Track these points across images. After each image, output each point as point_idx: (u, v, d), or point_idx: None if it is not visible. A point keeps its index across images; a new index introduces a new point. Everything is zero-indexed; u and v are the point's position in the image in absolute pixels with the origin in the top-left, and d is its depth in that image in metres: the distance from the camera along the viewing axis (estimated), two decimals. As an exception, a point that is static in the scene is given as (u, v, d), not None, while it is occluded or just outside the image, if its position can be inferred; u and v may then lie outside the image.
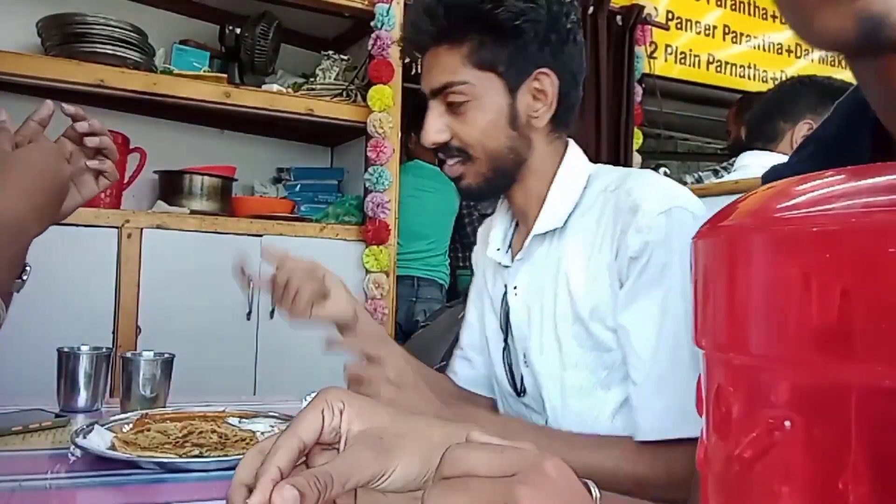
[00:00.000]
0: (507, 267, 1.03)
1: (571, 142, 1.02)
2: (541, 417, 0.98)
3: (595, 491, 0.45)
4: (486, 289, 1.09)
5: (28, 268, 1.01)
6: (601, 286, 0.90)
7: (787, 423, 0.23)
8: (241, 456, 0.86)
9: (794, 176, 0.27)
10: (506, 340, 1.03)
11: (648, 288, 0.85)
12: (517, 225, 1.06)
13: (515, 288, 1.00)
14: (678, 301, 0.84)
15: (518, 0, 0.91)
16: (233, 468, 0.83)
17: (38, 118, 0.95)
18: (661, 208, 0.86)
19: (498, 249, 1.05)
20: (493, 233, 1.06)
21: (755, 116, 1.79)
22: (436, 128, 0.95)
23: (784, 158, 1.80)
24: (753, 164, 1.69)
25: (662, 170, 3.85)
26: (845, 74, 3.30)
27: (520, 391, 1.02)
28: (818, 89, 1.66)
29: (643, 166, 3.05)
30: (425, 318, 2.50)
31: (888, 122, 0.44)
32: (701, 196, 1.54)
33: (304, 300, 0.99)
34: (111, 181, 0.99)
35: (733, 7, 3.47)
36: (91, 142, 0.96)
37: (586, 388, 0.92)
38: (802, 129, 1.62)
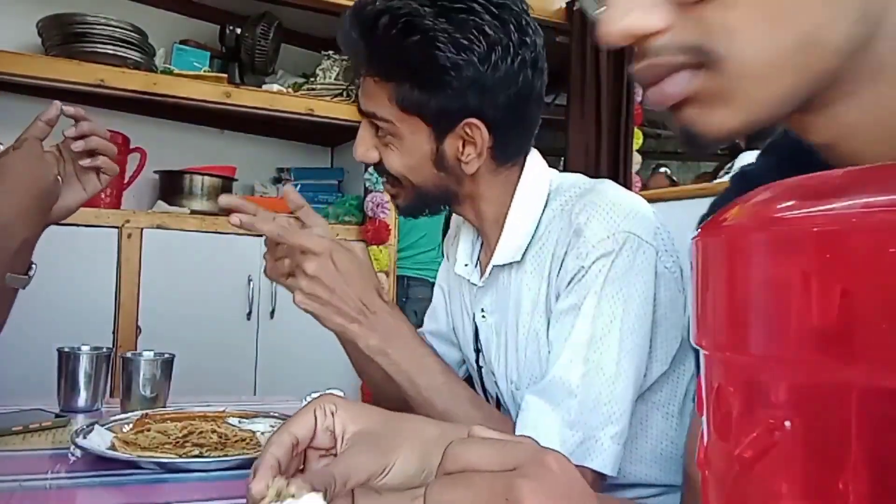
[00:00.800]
0: (473, 285, 1.00)
1: (531, 157, 0.95)
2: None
3: None
4: (461, 299, 1.06)
5: (34, 266, 1.02)
6: (544, 318, 0.89)
7: (787, 423, 0.23)
8: (241, 456, 0.86)
9: (763, 175, 0.27)
10: (478, 360, 1.02)
11: (571, 309, 0.83)
12: (482, 242, 1.01)
13: (483, 311, 0.99)
14: (591, 324, 0.82)
15: (451, 47, 0.81)
16: (233, 468, 0.84)
17: (45, 118, 0.96)
18: (604, 234, 0.83)
19: (466, 265, 1.01)
20: (460, 248, 1.02)
21: None
22: (365, 146, 0.91)
23: None
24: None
25: (663, 169, 3.86)
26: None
27: (498, 407, 1.01)
28: None
29: (643, 166, 3.05)
30: (416, 319, 2.50)
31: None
32: (701, 196, 1.54)
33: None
34: (111, 175, 1.01)
35: (733, 7, 3.47)
36: (77, 146, 0.97)
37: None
38: None
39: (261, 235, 0.94)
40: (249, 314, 2.18)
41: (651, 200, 0.98)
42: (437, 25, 0.81)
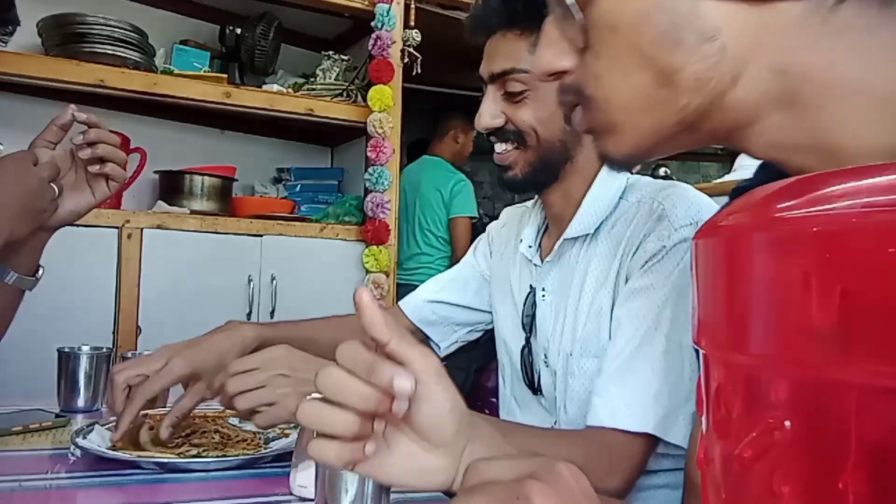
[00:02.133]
0: (536, 266, 1.03)
1: None
2: (551, 418, 0.99)
3: None
4: (509, 282, 1.10)
5: (41, 268, 1.03)
6: (609, 294, 0.91)
7: (787, 423, 0.23)
8: (241, 456, 0.86)
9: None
10: (528, 339, 1.04)
11: (648, 289, 0.86)
12: (547, 227, 1.06)
13: (544, 290, 1.01)
14: (675, 309, 0.84)
15: None
16: (233, 468, 0.84)
17: (59, 123, 0.99)
18: (686, 220, 0.87)
19: (529, 247, 1.05)
20: (527, 230, 1.07)
21: None
22: (491, 112, 0.95)
23: None
24: (753, 164, 1.67)
25: (663, 170, 3.86)
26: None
27: (536, 389, 1.02)
28: None
29: (643, 166, 3.06)
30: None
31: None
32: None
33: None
34: (120, 182, 1.03)
35: (733, 7, 3.47)
36: (84, 154, 0.99)
37: (584, 396, 0.92)
38: None
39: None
40: (249, 314, 2.19)
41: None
42: None
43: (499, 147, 0.97)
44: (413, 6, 2.43)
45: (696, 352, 0.28)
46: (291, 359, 0.84)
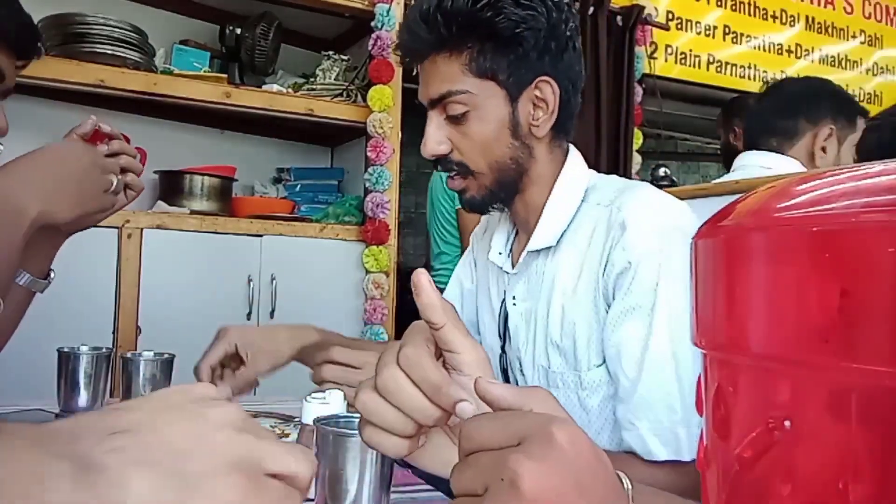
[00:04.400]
0: (506, 273, 1.02)
1: (572, 149, 1.01)
2: None
3: (626, 482, 0.45)
4: (488, 289, 1.09)
5: (52, 272, 1.03)
6: (585, 306, 0.90)
7: (787, 423, 0.23)
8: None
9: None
10: (503, 347, 1.03)
11: (635, 309, 0.84)
12: (517, 231, 1.05)
13: (514, 298, 1.00)
14: (667, 321, 0.82)
15: (517, 8, 0.88)
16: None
17: (80, 132, 1.03)
18: (650, 227, 0.85)
19: (500, 254, 1.04)
20: (496, 238, 1.05)
21: (773, 110, 1.67)
22: (436, 139, 0.93)
23: (789, 161, 1.72)
24: (753, 163, 1.64)
25: (663, 170, 3.86)
26: (843, 76, 3.28)
27: None
28: (839, 98, 1.62)
29: (643, 166, 3.05)
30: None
31: None
32: (701, 196, 1.53)
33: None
34: (137, 192, 1.07)
35: (733, 7, 3.47)
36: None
37: (567, 408, 0.92)
38: (824, 134, 1.56)
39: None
40: (249, 314, 2.18)
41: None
42: None
43: (450, 174, 0.96)
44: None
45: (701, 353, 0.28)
46: None
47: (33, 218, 0.84)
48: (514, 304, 1.00)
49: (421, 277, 0.52)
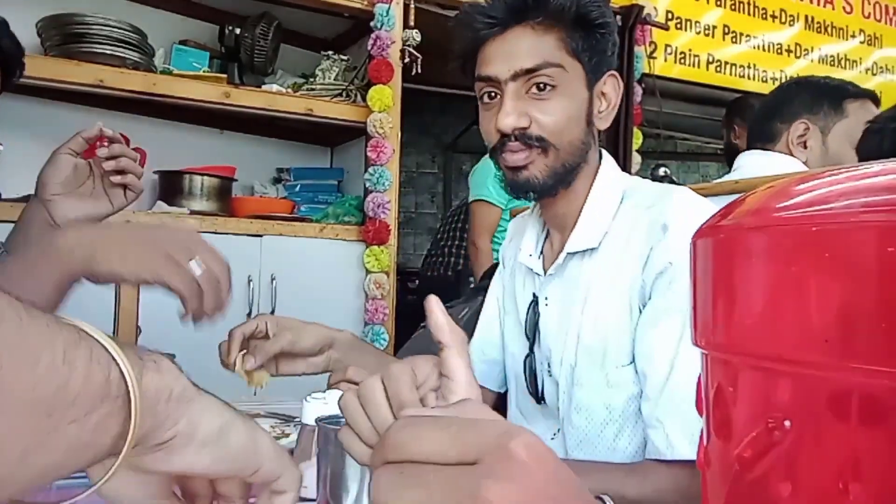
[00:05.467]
0: (538, 275, 1.01)
1: (605, 153, 1.01)
2: (556, 427, 0.99)
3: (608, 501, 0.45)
4: (514, 291, 1.08)
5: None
6: (620, 306, 0.90)
7: (787, 423, 0.23)
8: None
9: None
10: (531, 348, 1.02)
11: (671, 311, 0.84)
12: (548, 232, 1.04)
13: (547, 299, 0.99)
14: None
15: (601, 3, 0.94)
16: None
17: (86, 136, 1.06)
18: (692, 229, 0.84)
19: (530, 255, 1.03)
20: (526, 238, 1.05)
21: (755, 118, 1.79)
22: (517, 112, 0.91)
23: (784, 157, 1.75)
24: (750, 164, 1.67)
25: (663, 169, 3.85)
26: (843, 75, 3.28)
27: (539, 398, 1.01)
28: (812, 89, 1.66)
29: (643, 166, 3.05)
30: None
31: None
32: (701, 196, 1.53)
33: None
34: (137, 193, 1.11)
35: (733, 7, 3.47)
36: (109, 165, 1.06)
37: (591, 406, 0.92)
38: (798, 129, 1.60)
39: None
40: (249, 314, 2.18)
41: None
42: None
43: (516, 149, 0.93)
44: (413, 6, 2.43)
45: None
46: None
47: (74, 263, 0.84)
48: (547, 305, 0.99)
49: (432, 302, 0.54)
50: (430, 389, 0.56)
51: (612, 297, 0.91)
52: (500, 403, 1.16)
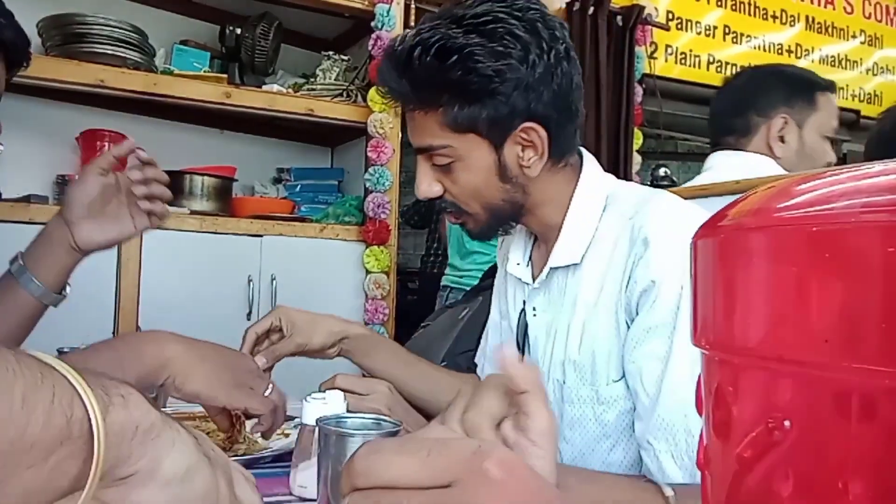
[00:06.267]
0: (527, 284, 1.00)
1: (587, 158, 0.98)
2: None
3: None
4: (506, 299, 1.08)
5: (69, 286, 1.04)
6: (606, 321, 0.88)
7: (787, 423, 0.23)
8: (243, 456, 0.86)
9: None
10: (521, 359, 1.02)
11: (658, 328, 0.83)
12: (536, 239, 1.03)
13: (534, 309, 0.99)
14: (688, 341, 0.81)
15: (490, 59, 0.84)
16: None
17: (117, 153, 1.05)
18: (673, 244, 0.83)
19: (518, 264, 1.02)
20: (513, 247, 1.04)
21: (722, 108, 1.64)
22: (427, 181, 0.92)
23: (758, 157, 1.67)
24: (723, 165, 1.58)
25: (663, 170, 3.86)
26: (843, 76, 3.27)
27: None
28: (787, 80, 1.58)
29: (643, 166, 3.05)
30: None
31: None
32: (701, 196, 1.53)
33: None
34: (161, 220, 1.09)
35: (733, 7, 3.47)
36: (139, 191, 1.05)
37: (583, 422, 0.91)
38: (778, 124, 1.52)
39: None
40: (249, 314, 2.18)
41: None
42: (470, 41, 0.84)
43: (446, 212, 0.95)
44: (413, 6, 2.43)
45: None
46: (391, 399, 0.93)
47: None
48: (535, 316, 0.99)
49: (506, 351, 0.50)
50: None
51: (598, 312, 0.89)
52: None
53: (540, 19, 0.88)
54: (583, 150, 0.98)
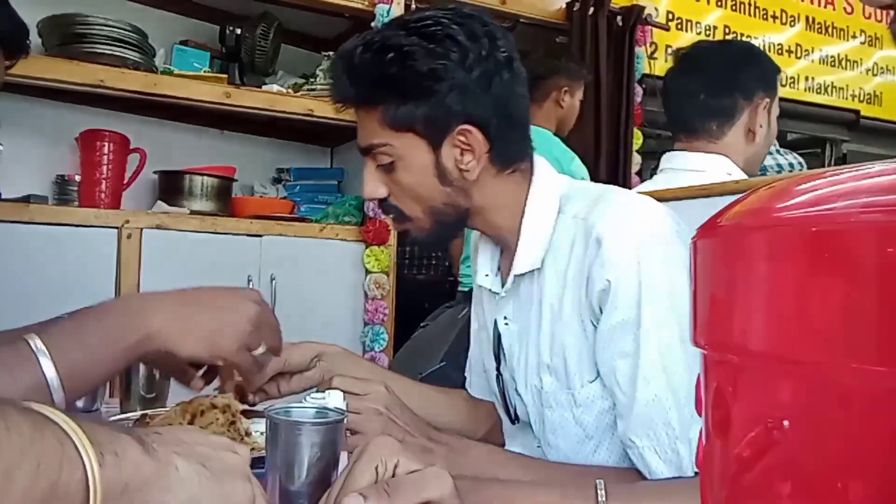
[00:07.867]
0: (496, 294, 1.00)
1: (539, 162, 0.98)
2: (534, 443, 0.98)
3: None
4: (482, 309, 1.08)
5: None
6: (573, 324, 0.88)
7: (787, 423, 0.23)
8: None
9: None
10: (498, 368, 1.02)
11: (621, 326, 0.83)
12: (502, 249, 1.02)
13: (506, 318, 0.99)
14: (656, 334, 0.81)
15: (428, 58, 0.85)
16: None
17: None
18: (625, 241, 0.83)
19: (486, 275, 1.02)
20: (480, 259, 1.03)
21: (703, 86, 1.44)
22: (372, 183, 0.94)
23: (717, 159, 1.54)
24: (681, 166, 1.45)
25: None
26: (843, 76, 3.27)
27: (513, 419, 1.01)
28: (762, 62, 1.46)
29: (643, 166, 3.05)
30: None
31: None
32: (701, 196, 1.52)
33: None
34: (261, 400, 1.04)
35: (733, 7, 3.47)
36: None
37: (564, 425, 0.91)
38: (759, 107, 1.40)
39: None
40: (249, 314, 2.18)
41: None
42: (409, 41, 0.86)
43: (390, 216, 0.97)
44: (413, 6, 2.43)
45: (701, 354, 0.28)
46: (389, 400, 0.92)
47: (141, 337, 0.78)
48: (507, 325, 0.99)
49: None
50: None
51: (563, 315, 0.89)
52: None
53: (481, 27, 0.89)
54: (535, 155, 0.98)
